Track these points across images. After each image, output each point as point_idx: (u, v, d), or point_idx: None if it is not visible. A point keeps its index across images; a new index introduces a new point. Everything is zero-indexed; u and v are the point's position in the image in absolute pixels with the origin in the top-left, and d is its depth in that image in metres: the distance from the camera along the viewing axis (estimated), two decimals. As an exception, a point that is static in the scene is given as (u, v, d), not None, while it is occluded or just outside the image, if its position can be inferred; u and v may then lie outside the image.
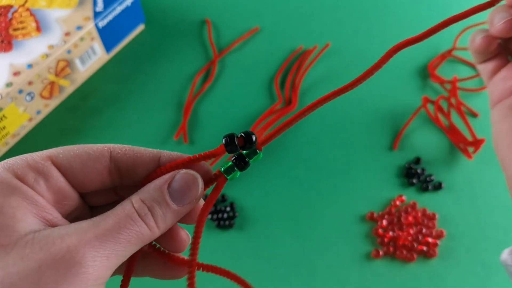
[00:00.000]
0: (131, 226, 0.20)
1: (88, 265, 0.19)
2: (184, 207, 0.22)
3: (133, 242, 0.20)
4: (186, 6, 0.67)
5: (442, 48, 0.61)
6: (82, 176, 0.22)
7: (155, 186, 0.22)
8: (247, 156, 0.23)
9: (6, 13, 0.58)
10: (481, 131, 0.53)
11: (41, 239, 0.19)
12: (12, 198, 0.19)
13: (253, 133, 0.23)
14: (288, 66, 0.60)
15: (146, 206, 0.21)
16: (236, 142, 0.23)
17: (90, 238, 0.19)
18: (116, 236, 0.20)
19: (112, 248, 0.19)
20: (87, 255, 0.19)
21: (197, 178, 0.22)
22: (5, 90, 0.50)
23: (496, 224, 0.47)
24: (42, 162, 0.21)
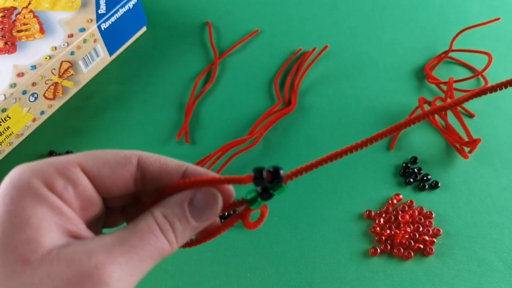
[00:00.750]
0: (154, 242, 0.20)
1: (114, 284, 0.18)
2: (201, 224, 0.22)
3: (155, 258, 0.20)
4: (188, 9, 0.67)
5: (439, 50, 0.62)
6: (109, 183, 0.22)
7: (177, 201, 0.22)
8: (271, 188, 0.23)
9: (9, 15, 0.58)
10: (477, 131, 0.54)
11: (67, 256, 0.18)
12: (39, 208, 0.19)
13: (281, 169, 0.23)
14: (287, 68, 0.61)
15: (168, 222, 0.21)
16: (265, 176, 0.22)
17: (116, 256, 0.19)
18: (140, 253, 0.20)
19: (137, 265, 0.19)
20: (114, 274, 0.18)
21: (217, 196, 0.23)
22: (9, 91, 0.51)
23: (492, 223, 0.48)
24: (72, 169, 0.21)
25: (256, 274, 0.45)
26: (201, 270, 0.46)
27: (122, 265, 0.19)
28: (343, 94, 0.58)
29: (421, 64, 0.60)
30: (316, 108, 0.57)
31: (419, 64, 0.61)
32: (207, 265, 0.46)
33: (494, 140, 0.54)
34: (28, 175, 0.19)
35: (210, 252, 0.47)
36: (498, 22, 0.62)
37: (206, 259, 0.47)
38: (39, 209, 0.19)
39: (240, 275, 0.45)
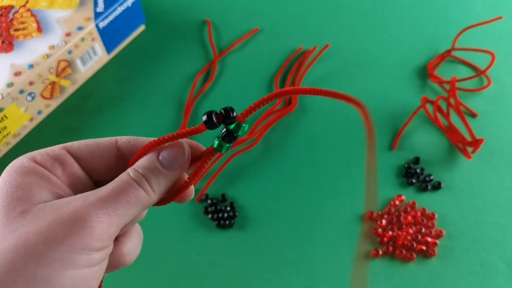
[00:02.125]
0: (128, 189, 0.23)
1: (93, 220, 0.21)
2: (174, 172, 0.25)
3: (133, 203, 0.23)
4: (187, 7, 0.67)
5: (441, 49, 0.61)
6: (92, 162, 0.25)
7: (147, 157, 0.25)
8: (233, 131, 0.25)
9: (7, 14, 0.58)
10: (480, 131, 0.53)
11: (52, 205, 0.22)
12: (29, 177, 0.23)
13: (232, 109, 0.25)
14: (288, 67, 0.60)
15: (140, 174, 0.24)
16: (215, 118, 0.24)
17: (93, 200, 0.22)
18: (115, 197, 0.23)
19: (113, 207, 0.22)
20: (91, 212, 0.22)
21: (183, 144, 0.25)
22: (6, 90, 0.50)
23: (495, 224, 0.47)
24: (58, 150, 0.25)
25: (257, 276, 0.45)
26: (200, 272, 0.45)
27: (98, 207, 0.22)
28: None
29: (423, 63, 0.60)
30: (317, 107, 0.56)
31: (421, 63, 0.60)
32: (207, 267, 0.46)
33: (497, 140, 0.53)
34: (22, 158, 0.24)
35: (209, 254, 0.46)
36: (500, 21, 0.61)
37: (206, 261, 0.46)
38: (29, 178, 0.23)
39: (240, 277, 0.45)
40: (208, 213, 0.48)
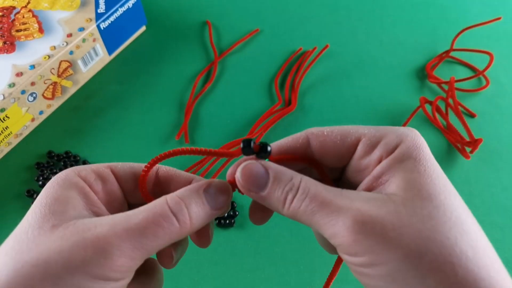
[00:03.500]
0: (159, 223, 0.22)
1: (113, 253, 0.21)
2: (215, 211, 0.24)
3: (161, 237, 0.22)
4: (187, 8, 0.67)
5: (440, 49, 0.61)
6: (131, 185, 0.26)
7: (193, 188, 0.24)
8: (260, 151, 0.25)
9: (8, 15, 0.58)
10: (479, 131, 0.54)
11: (79, 225, 0.22)
12: (69, 190, 0.23)
13: (268, 145, 0.25)
14: (287, 67, 0.61)
15: (183, 203, 0.23)
16: (252, 146, 0.25)
17: (119, 230, 0.21)
18: (143, 230, 0.22)
19: (139, 241, 0.21)
20: (114, 243, 0.21)
21: (228, 186, 0.25)
22: (8, 91, 0.51)
23: (493, 223, 0.48)
24: (103, 168, 0.25)
25: (256, 275, 0.45)
26: (201, 271, 0.46)
27: (123, 239, 0.21)
28: (343, 94, 0.58)
29: (422, 64, 0.60)
30: (317, 108, 0.57)
31: (420, 63, 0.60)
32: (207, 266, 0.46)
33: (496, 140, 0.53)
34: (68, 171, 0.24)
35: (210, 253, 0.47)
36: (499, 22, 0.62)
37: (206, 260, 0.46)
38: (69, 191, 0.23)
39: (240, 276, 0.45)
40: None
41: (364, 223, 0.21)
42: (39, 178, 0.51)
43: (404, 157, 0.23)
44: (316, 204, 0.22)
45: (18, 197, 0.50)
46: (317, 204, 0.22)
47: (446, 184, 0.23)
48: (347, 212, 0.21)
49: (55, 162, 0.53)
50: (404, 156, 0.23)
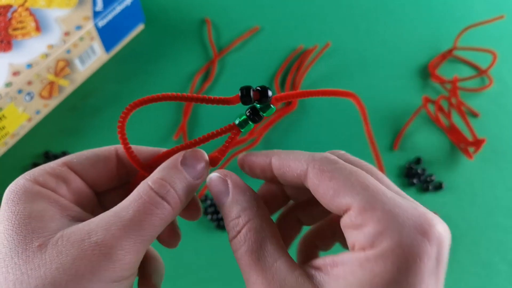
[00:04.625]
0: (151, 211, 0.22)
1: (118, 253, 0.20)
2: (197, 181, 0.24)
3: (157, 225, 0.22)
4: (186, 6, 0.66)
5: (442, 48, 0.61)
6: (94, 176, 0.24)
7: (170, 165, 0.23)
8: (260, 109, 0.23)
9: (5, 13, 0.57)
10: (482, 131, 0.53)
11: (70, 236, 0.21)
12: (37, 203, 0.22)
13: (269, 88, 0.23)
14: (288, 66, 0.60)
15: (167, 184, 0.22)
16: (252, 95, 0.23)
17: (115, 231, 0.21)
18: (139, 223, 0.21)
19: (137, 234, 0.21)
20: (115, 245, 0.20)
21: (201, 151, 0.24)
22: (4, 90, 0.50)
23: (496, 224, 0.47)
24: (60, 168, 0.23)
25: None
26: (200, 273, 0.45)
27: (122, 238, 0.21)
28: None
29: (424, 63, 0.60)
30: (318, 107, 0.56)
31: (422, 62, 0.60)
32: (206, 268, 0.45)
33: (499, 140, 0.53)
34: (23, 180, 0.22)
35: (209, 255, 0.46)
36: (502, 20, 0.61)
37: (205, 262, 0.46)
38: (38, 204, 0.22)
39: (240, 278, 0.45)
40: (207, 214, 0.48)
41: None
42: (36, 179, 0.50)
43: (368, 265, 0.19)
44: (245, 261, 0.22)
45: (14, 198, 0.49)
46: (246, 262, 0.22)
47: None
48: None
49: (52, 163, 0.52)
50: (369, 264, 0.19)
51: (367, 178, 0.21)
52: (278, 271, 0.21)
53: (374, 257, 0.19)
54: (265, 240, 0.22)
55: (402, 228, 0.19)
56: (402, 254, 0.18)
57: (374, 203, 0.19)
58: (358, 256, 0.19)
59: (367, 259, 0.19)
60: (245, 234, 0.22)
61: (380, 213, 0.19)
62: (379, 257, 0.19)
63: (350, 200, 0.20)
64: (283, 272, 0.21)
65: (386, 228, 0.19)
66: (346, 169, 0.21)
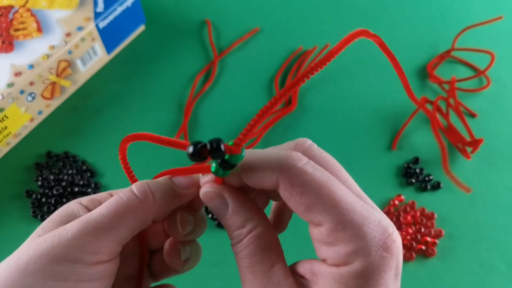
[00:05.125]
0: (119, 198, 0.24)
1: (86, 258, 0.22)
2: (184, 191, 0.25)
3: (131, 217, 0.24)
4: (187, 7, 0.67)
5: (441, 49, 0.61)
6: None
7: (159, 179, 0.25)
8: (229, 160, 0.22)
9: (7, 14, 0.58)
10: (480, 131, 0.53)
11: (56, 230, 0.23)
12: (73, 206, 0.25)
13: (219, 141, 0.21)
14: (288, 67, 0.60)
15: (145, 185, 0.24)
16: (199, 152, 0.21)
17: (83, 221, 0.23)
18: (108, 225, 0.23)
19: (111, 233, 0.23)
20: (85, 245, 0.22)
21: (194, 176, 0.25)
22: (6, 91, 0.50)
23: (494, 224, 0.48)
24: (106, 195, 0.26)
25: (256, 276, 0.45)
26: (200, 272, 0.45)
27: (94, 237, 0.22)
28: (344, 94, 0.57)
29: (423, 63, 0.60)
30: (317, 108, 0.56)
31: (421, 63, 0.60)
32: (206, 267, 0.46)
33: (497, 140, 0.53)
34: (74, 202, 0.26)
35: (209, 254, 0.46)
36: (500, 21, 0.61)
37: (206, 261, 0.46)
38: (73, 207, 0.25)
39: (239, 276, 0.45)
40: (208, 213, 0.48)
41: None
42: (38, 179, 0.50)
43: (343, 280, 0.21)
44: (246, 268, 0.23)
45: (17, 198, 0.50)
46: (247, 269, 0.23)
47: None
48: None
49: (54, 162, 0.52)
50: (343, 279, 0.21)
51: (337, 192, 0.21)
52: (274, 276, 0.22)
53: (348, 275, 0.20)
54: (266, 246, 0.23)
55: (371, 248, 0.20)
56: (371, 271, 0.20)
57: (344, 223, 0.20)
58: (333, 272, 0.21)
59: (341, 275, 0.21)
60: (248, 240, 0.23)
61: (351, 233, 0.20)
62: (353, 274, 0.20)
63: (322, 219, 0.21)
64: (278, 277, 0.22)
65: (357, 249, 0.20)
66: (316, 182, 0.21)
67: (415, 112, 0.55)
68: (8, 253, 0.23)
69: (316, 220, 0.21)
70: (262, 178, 0.22)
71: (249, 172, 0.22)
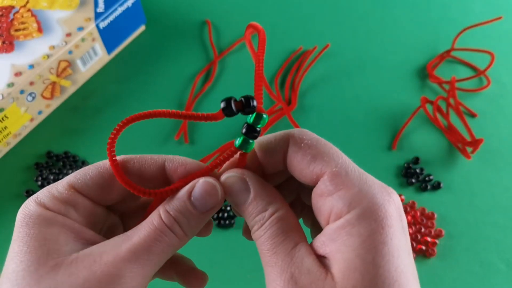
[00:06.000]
0: (161, 237, 0.22)
1: (126, 276, 0.21)
2: (207, 212, 0.24)
3: (165, 251, 0.23)
4: (187, 7, 0.67)
5: (441, 49, 0.61)
6: (102, 194, 0.25)
7: (178, 197, 0.24)
8: (254, 124, 0.23)
9: (7, 14, 0.58)
10: (480, 131, 0.53)
11: (83, 258, 0.21)
12: (52, 228, 0.22)
13: (252, 97, 0.23)
14: (288, 67, 0.60)
15: (172, 217, 0.23)
16: (233, 105, 0.23)
17: (125, 253, 0.22)
18: (148, 248, 0.22)
19: (146, 258, 0.22)
20: (124, 268, 0.21)
21: (215, 185, 0.24)
22: (6, 91, 0.50)
23: (494, 224, 0.48)
24: (66, 192, 0.24)
25: (257, 276, 0.45)
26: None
27: (131, 261, 0.21)
28: (344, 94, 0.57)
29: (423, 63, 0.60)
30: (317, 107, 0.56)
31: (421, 63, 0.60)
32: (207, 266, 0.46)
33: (497, 140, 0.53)
34: (33, 206, 0.23)
35: (209, 253, 0.46)
36: (500, 21, 0.61)
37: (206, 260, 0.46)
38: (53, 228, 0.22)
39: (240, 277, 0.45)
40: (208, 213, 0.48)
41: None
42: (38, 179, 0.51)
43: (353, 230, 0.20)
44: (267, 253, 0.23)
45: (17, 198, 0.50)
46: (267, 254, 0.23)
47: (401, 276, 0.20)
48: (278, 279, 0.22)
49: (54, 162, 0.52)
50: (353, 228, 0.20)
51: (339, 150, 0.23)
52: (297, 253, 0.22)
53: (357, 219, 0.20)
54: (288, 228, 0.23)
55: (373, 190, 0.21)
56: (378, 213, 0.20)
57: (347, 169, 0.22)
58: (341, 224, 0.21)
59: (349, 223, 0.20)
60: (271, 222, 0.23)
61: (353, 178, 0.21)
62: (361, 217, 0.20)
63: (325, 166, 0.22)
64: (302, 254, 0.22)
65: (360, 191, 0.21)
66: (322, 139, 0.24)
67: (415, 112, 0.55)
68: (8, 252, 0.23)
69: (319, 168, 0.22)
70: (275, 149, 0.24)
71: (264, 146, 0.24)
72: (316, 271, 0.21)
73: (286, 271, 0.21)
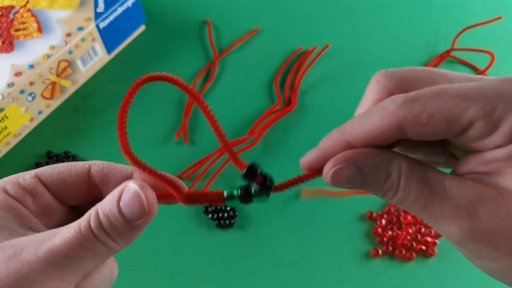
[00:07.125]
0: (83, 244, 0.21)
1: (39, 278, 0.20)
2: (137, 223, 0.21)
3: (89, 258, 0.21)
4: (187, 7, 0.67)
5: (441, 49, 0.61)
6: (64, 191, 0.24)
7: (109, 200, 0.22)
8: (255, 194, 0.23)
9: (7, 14, 0.58)
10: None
11: (7, 249, 0.21)
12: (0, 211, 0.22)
13: (272, 182, 0.22)
14: (288, 67, 0.60)
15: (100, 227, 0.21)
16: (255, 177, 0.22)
17: (43, 252, 0.20)
18: (67, 253, 0.20)
19: (65, 264, 0.20)
20: (38, 269, 0.20)
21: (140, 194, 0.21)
22: (6, 91, 0.50)
23: (494, 224, 0.48)
24: (30, 179, 0.24)
25: (257, 276, 0.45)
26: (200, 272, 0.45)
27: (48, 264, 0.20)
28: (344, 94, 0.58)
29: (423, 63, 0.60)
30: (317, 108, 0.56)
31: (421, 63, 0.60)
32: (207, 267, 0.46)
33: (497, 140, 0.53)
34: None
35: (209, 253, 0.46)
36: (500, 21, 0.61)
37: (206, 260, 0.46)
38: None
39: (240, 277, 0.45)
40: (208, 213, 0.48)
41: (473, 233, 0.20)
42: (38, 178, 0.51)
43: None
44: (419, 206, 0.21)
45: (16, 198, 0.50)
46: (420, 206, 0.21)
47: None
48: (454, 219, 0.20)
49: (54, 162, 0.53)
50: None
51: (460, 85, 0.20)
52: (455, 189, 0.20)
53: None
54: (423, 174, 0.21)
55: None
56: None
57: (493, 105, 0.19)
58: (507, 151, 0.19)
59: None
60: (405, 183, 0.21)
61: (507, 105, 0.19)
62: None
63: (474, 112, 0.19)
64: (459, 188, 0.20)
65: None
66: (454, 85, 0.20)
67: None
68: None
69: (469, 116, 0.19)
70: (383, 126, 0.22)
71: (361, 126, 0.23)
72: (485, 195, 0.20)
73: (454, 222, 0.20)
